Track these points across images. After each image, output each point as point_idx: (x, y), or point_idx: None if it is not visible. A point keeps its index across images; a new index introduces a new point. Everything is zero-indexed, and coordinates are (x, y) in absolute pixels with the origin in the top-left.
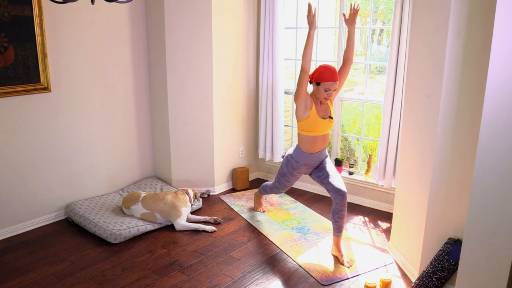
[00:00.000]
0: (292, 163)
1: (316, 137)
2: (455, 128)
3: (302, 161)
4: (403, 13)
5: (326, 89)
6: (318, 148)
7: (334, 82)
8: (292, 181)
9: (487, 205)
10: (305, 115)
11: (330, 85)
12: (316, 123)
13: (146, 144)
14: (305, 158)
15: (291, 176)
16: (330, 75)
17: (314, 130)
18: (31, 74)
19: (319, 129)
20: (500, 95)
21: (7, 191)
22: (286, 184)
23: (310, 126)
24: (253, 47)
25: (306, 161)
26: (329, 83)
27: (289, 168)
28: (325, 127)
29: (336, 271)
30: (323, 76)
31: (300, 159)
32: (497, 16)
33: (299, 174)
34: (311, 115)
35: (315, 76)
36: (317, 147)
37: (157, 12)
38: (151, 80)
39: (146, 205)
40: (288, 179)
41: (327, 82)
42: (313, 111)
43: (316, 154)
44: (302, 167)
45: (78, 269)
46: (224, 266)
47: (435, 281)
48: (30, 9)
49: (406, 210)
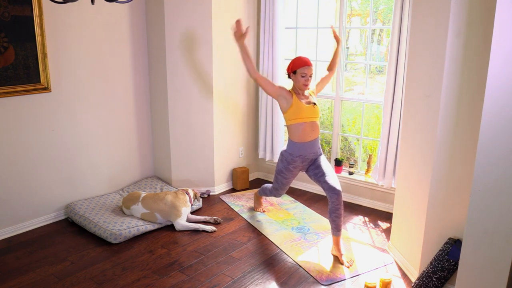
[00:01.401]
0: (286, 157)
1: (304, 124)
2: (455, 128)
3: (296, 152)
4: (403, 13)
5: (302, 74)
6: (309, 137)
7: (308, 67)
8: (289, 177)
9: (487, 205)
10: (288, 105)
11: (305, 70)
12: (300, 108)
13: (146, 144)
14: (298, 148)
15: (288, 172)
16: (303, 61)
17: (300, 116)
18: (31, 74)
19: (305, 114)
20: (500, 95)
21: (7, 191)
22: (284, 182)
23: (295, 112)
24: (253, 47)
25: (300, 151)
26: (303, 68)
27: (284, 163)
28: (311, 113)
29: (336, 271)
30: (296, 64)
31: (293, 150)
32: (497, 16)
33: (295, 169)
34: (294, 102)
35: (290, 67)
36: (308, 135)
37: (157, 12)
38: (151, 80)
39: (146, 205)
40: (285, 175)
41: (301, 67)
42: (295, 99)
43: (308, 144)
44: (296, 159)
45: (78, 269)
46: (224, 266)
47: (435, 281)
48: (30, 9)
49: (406, 210)
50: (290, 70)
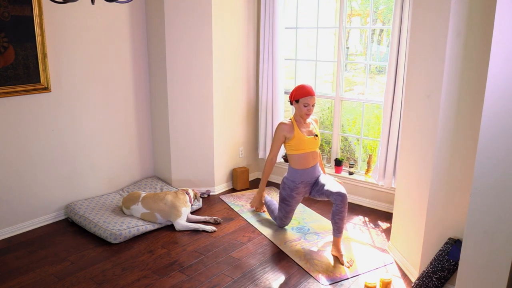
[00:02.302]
0: (288, 184)
1: (305, 154)
2: (455, 128)
3: (298, 179)
4: (403, 13)
5: (305, 104)
6: (310, 164)
7: (311, 97)
8: (292, 204)
9: (487, 205)
10: (290, 136)
11: (308, 100)
12: (301, 141)
13: (146, 144)
14: (300, 175)
15: (291, 199)
16: (306, 90)
17: (302, 148)
18: (31, 74)
19: (306, 146)
20: (500, 95)
21: (7, 191)
22: (288, 210)
23: (297, 144)
24: (253, 47)
25: (302, 178)
26: (306, 98)
27: (287, 190)
28: (312, 144)
29: (336, 271)
30: (299, 93)
31: (295, 177)
32: (497, 16)
33: (298, 196)
34: (295, 135)
35: (293, 95)
36: (309, 162)
37: (157, 12)
38: (151, 80)
39: (146, 205)
40: (289, 202)
41: (304, 97)
42: (297, 131)
43: (309, 170)
44: (299, 186)
45: (78, 269)
46: (224, 266)
47: (435, 281)
48: (30, 9)
49: (406, 210)
50: (292, 98)
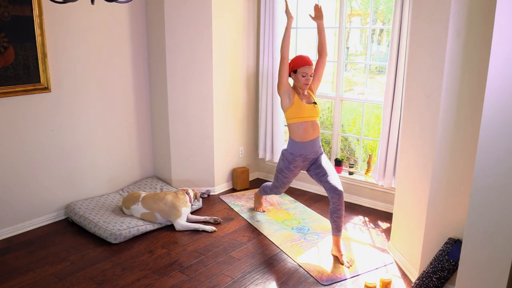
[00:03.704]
0: (287, 156)
1: (305, 123)
2: (455, 128)
3: (297, 152)
4: (403, 13)
5: (303, 74)
6: (310, 136)
7: (309, 66)
8: (289, 177)
9: (487, 205)
10: (290, 103)
11: (306, 69)
12: (301, 107)
13: (146, 144)
14: (299, 148)
15: (288, 171)
16: (303, 60)
17: (301, 115)
18: (31, 74)
19: (306, 114)
20: (500, 95)
21: (7, 191)
22: (284, 181)
23: (296, 111)
24: (253, 47)
25: (301, 151)
26: (304, 67)
27: (285, 162)
28: (311, 112)
29: (336, 271)
30: (297, 63)
31: (294, 150)
32: (497, 16)
33: (295, 169)
34: (295, 101)
35: (291, 66)
36: (309, 134)
37: (157, 12)
38: (151, 80)
39: (146, 205)
40: (286, 174)
41: (302, 66)
42: (296, 98)
43: (309, 143)
44: (297, 159)
45: (78, 269)
46: (224, 266)
47: (435, 281)
48: (30, 9)
49: (406, 210)
50: (290, 69)
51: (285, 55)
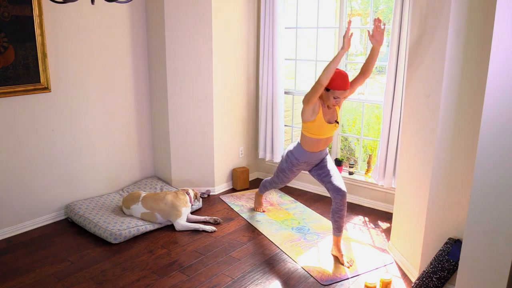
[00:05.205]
0: (291, 160)
1: (320, 139)
2: (455, 128)
3: (302, 159)
4: (403, 13)
5: (335, 96)
6: (320, 148)
7: (344, 91)
8: (290, 177)
9: (487, 205)
10: (312, 118)
11: (340, 93)
12: (321, 127)
13: (146, 144)
14: (306, 156)
15: (290, 173)
16: (342, 82)
17: (319, 133)
18: (31, 74)
19: (324, 132)
20: (500, 95)
21: (7, 191)
22: (285, 180)
23: (316, 129)
24: (253, 47)
25: (306, 159)
26: (339, 92)
27: (289, 164)
28: (330, 130)
29: (336, 271)
30: (334, 83)
31: (300, 157)
32: (497, 16)
33: (298, 171)
34: (317, 119)
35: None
36: (320, 147)
37: (157, 12)
38: (151, 80)
39: (146, 205)
40: (287, 175)
41: (338, 90)
42: (320, 115)
43: (317, 153)
44: (301, 164)
45: (78, 269)
46: (224, 266)
47: (435, 281)
48: (30, 9)
49: (406, 210)
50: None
51: (324, 83)
